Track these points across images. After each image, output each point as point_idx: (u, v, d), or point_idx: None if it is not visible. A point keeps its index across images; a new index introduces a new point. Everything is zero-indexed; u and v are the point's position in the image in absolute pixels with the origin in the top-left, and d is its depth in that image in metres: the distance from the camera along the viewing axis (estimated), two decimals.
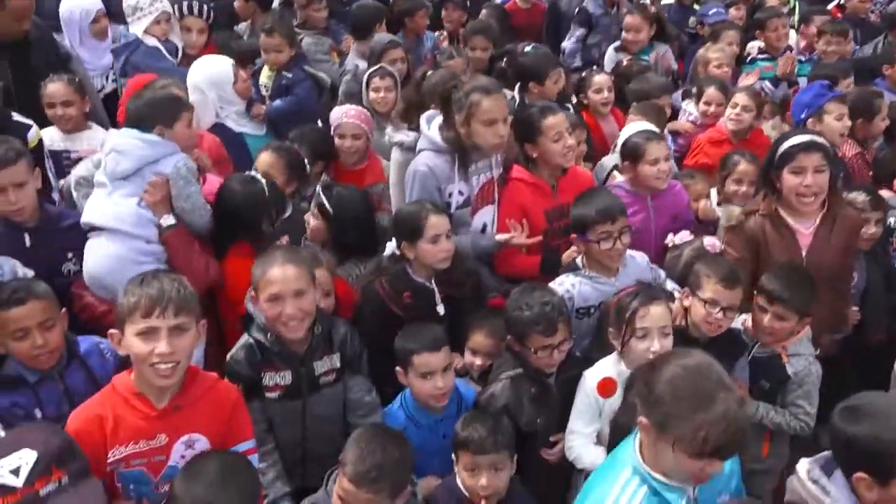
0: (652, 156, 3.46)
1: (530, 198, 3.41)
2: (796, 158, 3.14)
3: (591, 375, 2.77)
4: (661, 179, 3.50)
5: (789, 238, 3.21)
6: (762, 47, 5.58)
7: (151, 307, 2.07)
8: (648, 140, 3.50)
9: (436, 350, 2.68)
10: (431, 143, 3.35)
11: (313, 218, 3.37)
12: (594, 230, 2.98)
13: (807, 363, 3.00)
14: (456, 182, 3.34)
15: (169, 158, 3.02)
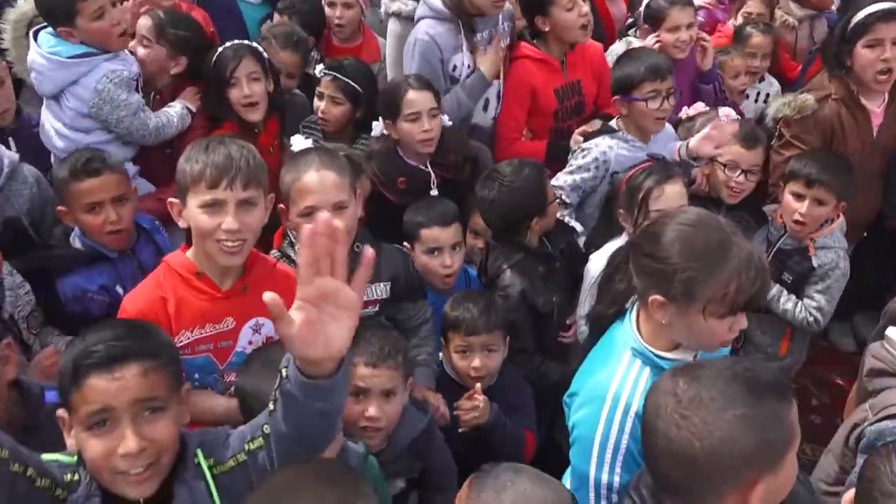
0: (674, 21, 3.24)
1: (539, 76, 3.14)
2: (873, 29, 2.84)
3: (597, 259, 2.56)
4: (680, 49, 3.26)
5: (864, 120, 2.99)
6: None
7: (218, 177, 1.83)
8: (673, 4, 3.25)
9: (445, 225, 2.52)
10: (432, 9, 3.05)
11: (333, 104, 3.01)
12: (641, 88, 2.76)
13: (836, 256, 2.82)
14: (463, 52, 3.06)
15: (87, 78, 2.64)
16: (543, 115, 3.15)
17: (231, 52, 2.79)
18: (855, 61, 2.89)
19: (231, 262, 1.91)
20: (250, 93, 2.76)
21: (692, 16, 3.31)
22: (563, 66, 3.18)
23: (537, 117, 3.17)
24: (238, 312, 1.97)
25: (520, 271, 2.53)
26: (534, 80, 3.13)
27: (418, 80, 2.80)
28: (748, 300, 1.56)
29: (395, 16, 3.38)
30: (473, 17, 3.04)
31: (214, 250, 1.88)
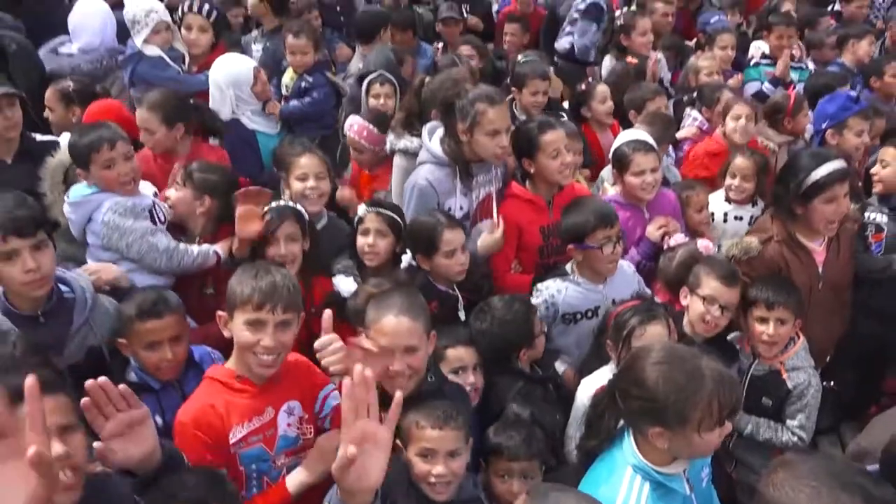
0: (638, 167, 3.45)
1: (526, 214, 3.36)
2: (831, 188, 3.06)
3: (587, 385, 2.78)
4: (646, 191, 3.47)
5: (807, 259, 3.19)
6: (765, 52, 5.57)
7: (263, 301, 2.16)
8: (636, 150, 3.47)
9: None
10: (433, 155, 3.32)
11: (380, 237, 3.16)
12: (594, 236, 2.98)
13: (807, 375, 2.99)
14: (457, 196, 3.31)
15: (96, 213, 2.93)
16: (529, 250, 3.34)
17: (275, 213, 2.99)
18: (812, 214, 3.11)
19: (265, 374, 2.21)
20: (286, 253, 2.95)
21: (655, 160, 3.50)
22: (550, 207, 3.37)
23: (523, 252, 3.35)
24: (274, 401, 2.27)
25: (524, 398, 2.70)
26: (521, 218, 3.34)
27: (449, 219, 3.06)
28: (731, 409, 1.85)
29: (401, 152, 3.72)
30: (470, 163, 3.30)
31: (253, 362, 2.19)
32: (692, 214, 3.75)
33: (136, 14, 4.45)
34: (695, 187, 3.89)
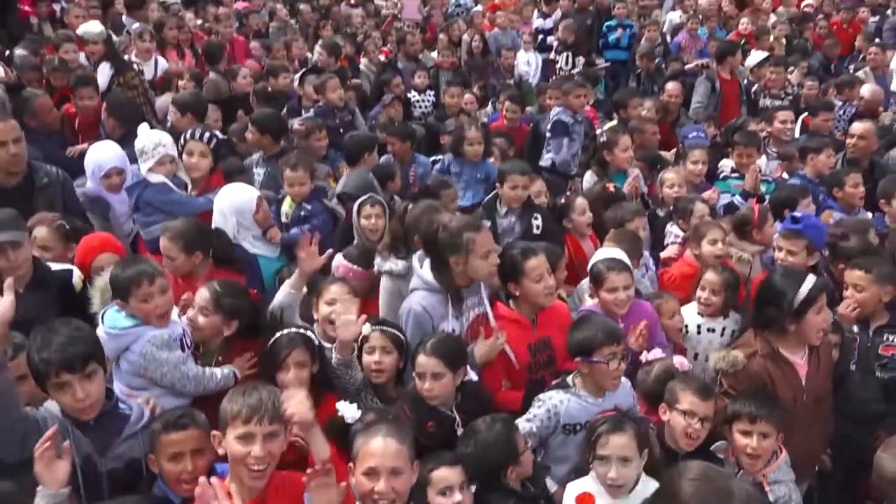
0: (612, 284, 3.65)
1: (513, 334, 3.49)
2: (819, 300, 3.25)
3: (572, 488, 2.90)
4: (619, 306, 3.66)
5: (790, 372, 3.31)
6: (734, 166, 5.87)
7: (251, 415, 2.35)
8: (610, 269, 3.67)
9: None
10: (425, 282, 3.50)
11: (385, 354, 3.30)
12: (601, 352, 3.10)
13: (787, 489, 3.05)
14: (449, 320, 3.48)
15: (135, 344, 3.10)
16: (518, 368, 3.46)
17: (286, 340, 3.13)
18: (805, 327, 3.24)
19: (256, 486, 2.38)
20: (294, 379, 3.07)
21: (628, 279, 3.67)
22: (534, 324, 3.54)
23: (513, 370, 3.47)
24: None
25: None
26: (508, 337, 3.44)
27: (431, 345, 3.12)
28: None
29: (387, 274, 3.94)
30: (460, 288, 3.50)
31: (245, 475, 2.36)
32: (665, 322, 3.90)
33: (144, 145, 4.73)
34: (663, 295, 4.07)
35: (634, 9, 11.05)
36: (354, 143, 5.73)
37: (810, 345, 3.35)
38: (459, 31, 10.14)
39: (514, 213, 4.81)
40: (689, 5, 11.23)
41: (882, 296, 3.76)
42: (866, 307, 3.76)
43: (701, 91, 7.89)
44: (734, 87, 7.99)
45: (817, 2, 11.96)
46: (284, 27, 10.26)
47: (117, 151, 4.92)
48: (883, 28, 10.91)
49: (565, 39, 9.37)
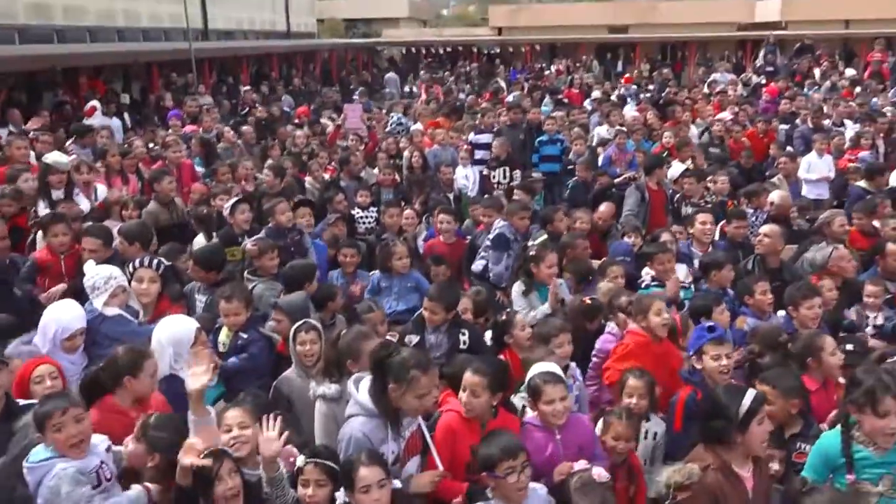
0: (548, 396, 3.87)
1: (461, 432, 3.75)
2: (761, 411, 3.43)
3: None
4: (557, 417, 3.87)
5: (740, 486, 3.42)
6: (654, 276, 6.22)
7: None
8: (546, 382, 3.90)
9: None
10: (363, 407, 3.60)
11: (318, 487, 3.38)
12: (500, 466, 3.33)
13: None
14: (389, 443, 3.60)
15: (45, 478, 3.19)
16: (459, 464, 3.68)
17: (212, 457, 3.22)
18: (750, 438, 3.38)
19: None
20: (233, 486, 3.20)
21: (563, 390, 3.89)
22: (484, 428, 3.76)
23: (456, 464, 3.69)
24: None
25: None
26: (455, 433, 3.71)
27: (370, 456, 3.29)
28: None
29: (321, 398, 4.07)
30: (399, 410, 3.61)
31: None
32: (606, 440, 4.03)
33: (95, 281, 4.86)
34: (621, 417, 4.09)
35: (565, 123, 11.79)
36: (295, 273, 5.88)
37: (756, 456, 3.50)
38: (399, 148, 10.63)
39: (442, 329, 5.05)
40: (615, 120, 12.01)
41: (789, 408, 4.04)
42: (776, 419, 3.98)
43: (631, 201, 8.37)
44: (661, 196, 8.50)
45: (733, 114, 12.91)
46: (231, 149, 10.61)
47: (81, 310, 4.74)
48: (793, 136, 11.84)
49: (499, 155, 9.90)
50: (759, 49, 23.77)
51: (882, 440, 3.31)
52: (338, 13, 39.85)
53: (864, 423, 3.34)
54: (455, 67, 28.23)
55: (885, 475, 3.24)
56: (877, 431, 3.30)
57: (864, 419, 3.32)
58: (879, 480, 3.38)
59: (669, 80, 19.08)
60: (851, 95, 15.07)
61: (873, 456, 3.31)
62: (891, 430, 3.28)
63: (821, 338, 4.42)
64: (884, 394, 3.27)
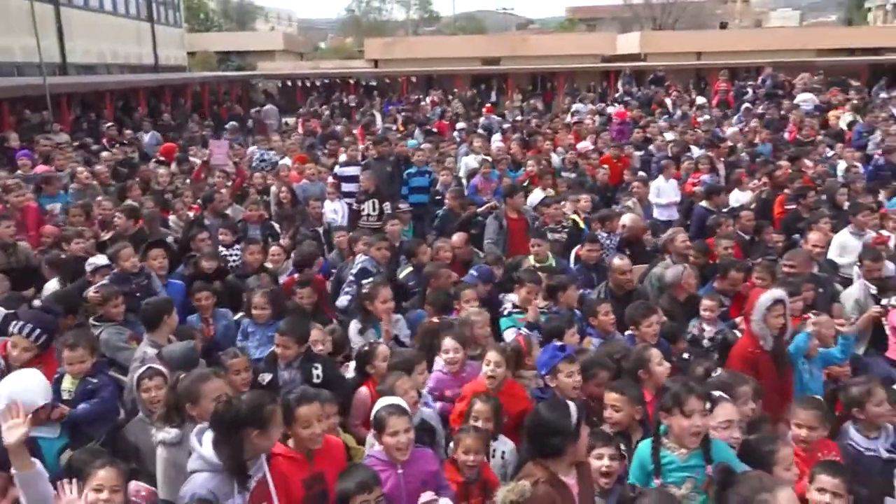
0: (392, 428, 3.93)
1: (289, 469, 3.76)
2: (583, 419, 3.57)
3: None
4: (402, 451, 3.94)
5: (567, 494, 3.56)
6: (514, 303, 6.44)
7: None
8: (391, 414, 3.97)
9: None
10: (207, 462, 3.49)
11: None
12: (355, 500, 3.48)
13: None
14: (235, 497, 3.50)
15: None
16: (293, 501, 3.69)
17: None
18: (579, 445, 3.57)
19: None
20: None
21: (408, 422, 3.97)
22: (311, 460, 3.85)
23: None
24: None
25: None
26: (284, 472, 3.70)
27: None
28: None
29: (162, 443, 3.99)
30: (246, 462, 3.54)
31: None
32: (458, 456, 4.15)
33: None
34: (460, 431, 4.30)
35: (434, 155, 12.05)
36: (152, 310, 5.72)
37: (580, 461, 3.67)
38: (266, 184, 10.51)
39: (294, 365, 5.06)
40: (479, 149, 12.37)
41: (634, 414, 4.30)
42: (622, 425, 4.26)
43: (490, 230, 8.71)
44: (521, 223, 8.84)
45: (592, 141, 13.63)
46: (84, 190, 10.14)
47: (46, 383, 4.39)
48: (652, 161, 12.63)
49: (368, 188, 9.98)
50: None
51: (689, 440, 3.56)
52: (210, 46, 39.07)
53: (672, 427, 3.59)
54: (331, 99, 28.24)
55: (687, 478, 3.49)
56: (684, 431, 3.55)
57: (673, 421, 3.58)
58: (682, 484, 3.63)
59: (535, 111, 19.91)
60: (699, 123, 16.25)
61: (678, 460, 3.56)
62: (696, 430, 3.54)
63: (648, 351, 4.73)
64: (688, 394, 3.53)
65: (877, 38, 34.12)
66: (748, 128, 15.29)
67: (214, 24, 47.38)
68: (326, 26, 78.14)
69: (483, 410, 4.45)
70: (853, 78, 25.06)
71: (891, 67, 28.73)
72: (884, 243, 8.03)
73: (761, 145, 13.47)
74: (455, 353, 5.18)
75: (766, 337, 5.14)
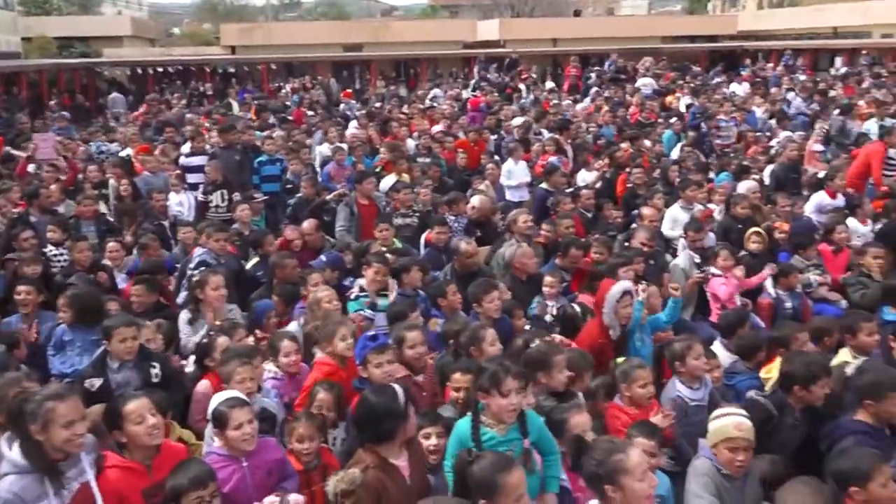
0: (236, 421, 3.82)
1: (126, 481, 3.57)
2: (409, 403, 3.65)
3: None
4: (248, 442, 3.84)
5: (397, 475, 3.62)
6: (362, 286, 6.41)
7: None
8: (231, 407, 3.85)
9: None
10: (15, 465, 3.37)
11: None
12: (188, 497, 3.34)
13: None
14: (50, 499, 3.34)
15: None
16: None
17: None
18: (409, 424, 3.63)
19: None
20: None
21: (250, 412, 3.91)
22: (150, 469, 3.66)
23: None
24: None
25: None
26: (120, 485, 3.53)
27: None
28: None
29: None
30: (57, 462, 3.37)
31: None
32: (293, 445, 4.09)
33: None
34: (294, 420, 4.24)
35: (286, 144, 11.76)
36: None
37: (410, 439, 3.71)
38: (105, 177, 9.88)
39: (128, 365, 4.78)
40: (332, 137, 12.19)
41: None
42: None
43: (342, 217, 8.67)
44: (372, 209, 8.82)
45: (446, 126, 13.79)
46: None
47: None
48: (502, 145, 12.93)
49: (215, 179, 9.60)
50: None
51: (507, 416, 3.68)
52: (49, 31, 36.19)
53: (490, 406, 3.69)
54: (187, 87, 26.96)
55: (507, 451, 3.58)
56: (502, 409, 3.66)
57: (491, 401, 3.68)
58: None
59: (396, 97, 19.90)
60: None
61: (497, 436, 3.67)
62: (513, 407, 3.66)
63: (483, 330, 4.83)
64: (505, 375, 3.64)
65: (715, 26, 36.51)
66: (594, 111, 15.98)
67: (55, 7, 43.89)
68: (182, 11, 74.54)
69: (326, 399, 4.43)
70: (694, 63, 26.79)
71: (728, 53, 30.92)
72: (709, 216, 8.64)
73: (605, 127, 14.11)
74: (296, 356, 5.09)
75: (615, 327, 5.41)
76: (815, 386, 4.40)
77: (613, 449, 3.17)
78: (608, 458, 3.12)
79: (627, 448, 3.21)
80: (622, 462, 3.08)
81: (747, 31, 34.88)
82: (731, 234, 8.02)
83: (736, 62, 28.29)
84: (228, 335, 5.19)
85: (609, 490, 3.07)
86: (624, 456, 3.11)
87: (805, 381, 4.42)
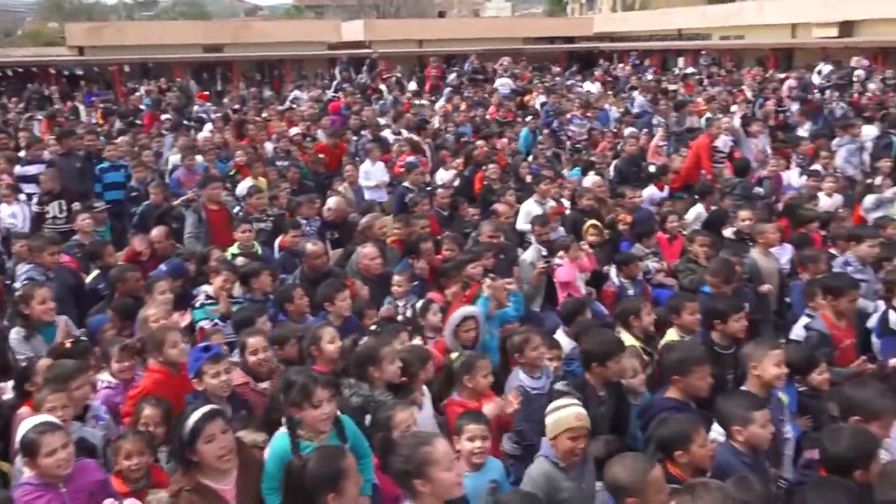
0: (48, 447, 3.59)
1: None
2: (206, 428, 3.43)
3: None
4: (63, 466, 3.63)
5: (217, 499, 3.48)
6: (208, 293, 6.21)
7: None
8: (42, 433, 3.62)
9: None
10: None
11: None
12: None
13: None
14: None
15: None
16: None
17: None
18: (202, 455, 3.45)
19: None
20: None
21: (64, 436, 3.66)
22: None
23: None
24: None
25: None
26: None
27: None
28: None
29: None
30: None
31: None
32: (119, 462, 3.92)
33: None
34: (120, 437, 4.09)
35: (130, 150, 11.21)
36: None
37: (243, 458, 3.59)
38: None
39: None
40: (182, 145, 11.71)
41: None
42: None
43: (190, 222, 8.36)
44: (222, 214, 8.55)
45: (305, 128, 13.62)
46: None
47: None
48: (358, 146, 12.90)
49: (51, 189, 8.99)
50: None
51: (322, 426, 3.70)
52: None
53: (305, 419, 3.68)
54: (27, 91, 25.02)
55: None
56: (317, 420, 3.68)
57: (304, 414, 3.68)
58: None
59: (255, 99, 19.42)
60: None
61: (317, 445, 3.63)
62: (325, 416, 3.68)
63: (321, 329, 4.84)
64: (314, 386, 3.67)
65: (573, 28, 38.08)
66: (451, 110, 16.27)
67: None
68: (24, 9, 69.47)
69: (153, 416, 4.26)
70: (554, 63, 27.81)
71: (585, 54, 32.31)
72: (561, 213, 9.01)
73: (462, 126, 14.39)
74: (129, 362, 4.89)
75: (457, 348, 5.40)
76: (610, 362, 4.69)
77: (419, 442, 3.23)
78: (415, 451, 3.16)
79: (433, 439, 3.27)
80: (430, 454, 3.14)
81: (602, 33, 36.58)
82: (578, 226, 8.39)
83: (593, 62, 29.61)
84: None
85: (418, 485, 3.12)
86: (431, 448, 3.17)
87: (601, 357, 4.69)
